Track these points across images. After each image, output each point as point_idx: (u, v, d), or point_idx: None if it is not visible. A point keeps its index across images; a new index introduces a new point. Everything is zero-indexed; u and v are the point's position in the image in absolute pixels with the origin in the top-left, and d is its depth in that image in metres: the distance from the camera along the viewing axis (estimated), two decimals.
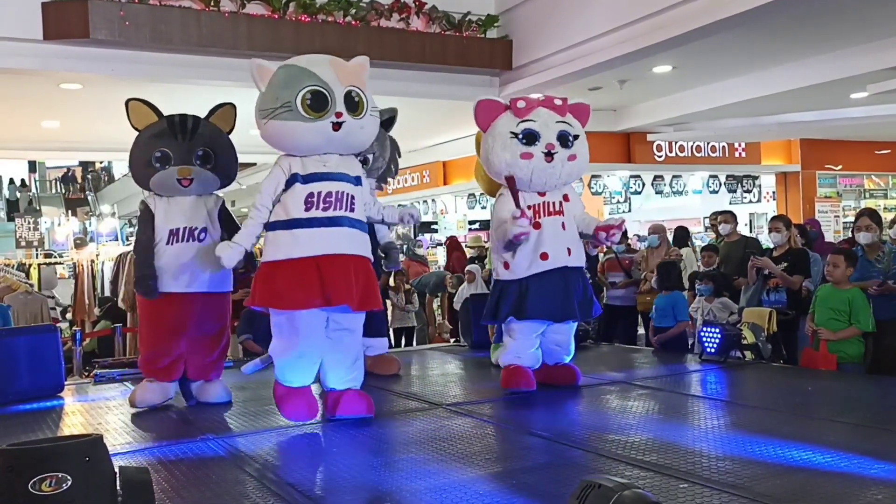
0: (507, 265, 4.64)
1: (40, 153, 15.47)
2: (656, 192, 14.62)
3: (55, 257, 11.55)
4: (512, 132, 4.53)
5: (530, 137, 4.50)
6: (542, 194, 4.63)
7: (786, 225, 6.75)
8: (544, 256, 4.54)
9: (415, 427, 3.93)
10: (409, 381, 5.52)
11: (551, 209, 4.62)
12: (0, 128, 11.12)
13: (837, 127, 12.92)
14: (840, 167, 15.46)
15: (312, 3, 8.54)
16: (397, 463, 3.29)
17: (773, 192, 15.72)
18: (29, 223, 12.32)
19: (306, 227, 3.85)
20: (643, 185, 14.19)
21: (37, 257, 11.47)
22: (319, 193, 3.87)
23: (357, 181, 4.01)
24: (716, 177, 15.03)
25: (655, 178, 14.24)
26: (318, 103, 3.80)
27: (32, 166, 22.90)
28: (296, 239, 3.85)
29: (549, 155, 4.47)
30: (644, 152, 13.21)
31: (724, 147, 14.23)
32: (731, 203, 14.84)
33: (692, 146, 13.82)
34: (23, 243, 12.03)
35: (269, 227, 3.97)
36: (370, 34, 8.89)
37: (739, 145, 14.44)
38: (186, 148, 4.52)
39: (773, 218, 7.18)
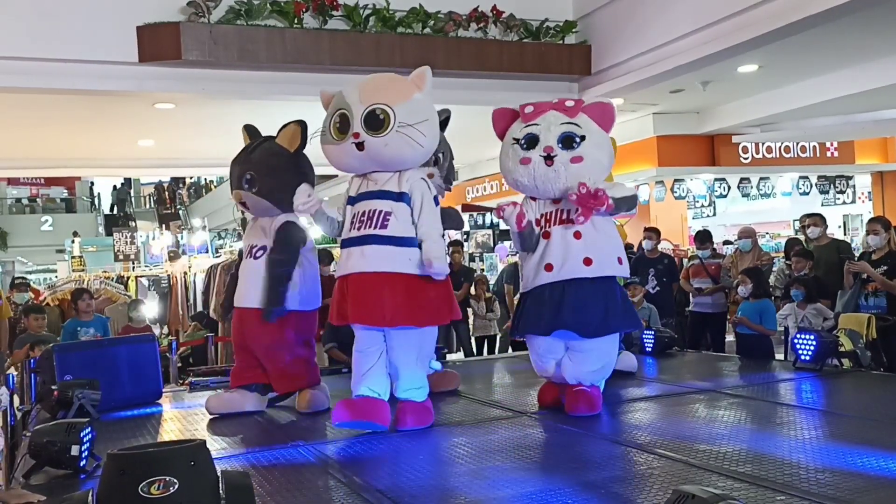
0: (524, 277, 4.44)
1: (136, 170, 16.18)
2: (742, 195, 14.20)
3: (150, 269, 12.05)
4: (514, 138, 4.31)
5: (531, 142, 4.22)
6: (556, 201, 4.29)
7: (884, 226, 6.49)
8: (548, 268, 4.21)
9: (500, 435, 3.93)
10: (493, 389, 5.53)
11: (563, 217, 4.25)
12: (99, 147, 11.70)
13: None
14: None
15: (391, 17, 8.69)
16: (484, 471, 3.30)
17: (869, 193, 15.06)
18: (126, 237, 12.86)
19: (344, 247, 4.10)
20: (728, 188, 13.82)
21: (133, 270, 11.98)
22: (356, 214, 4.07)
23: (398, 197, 3.99)
24: (806, 178, 14.49)
25: (742, 180, 13.84)
26: (344, 125, 3.98)
27: (128, 183, 23.93)
28: (341, 258, 4.16)
29: (549, 158, 4.14)
30: (729, 154, 12.86)
31: (814, 147, 13.71)
32: (822, 205, 14.27)
33: (780, 147, 13.38)
34: (121, 257, 12.56)
35: None
36: (448, 45, 8.96)
37: (831, 144, 13.89)
38: (238, 172, 4.69)
39: (871, 220, 6.89)
